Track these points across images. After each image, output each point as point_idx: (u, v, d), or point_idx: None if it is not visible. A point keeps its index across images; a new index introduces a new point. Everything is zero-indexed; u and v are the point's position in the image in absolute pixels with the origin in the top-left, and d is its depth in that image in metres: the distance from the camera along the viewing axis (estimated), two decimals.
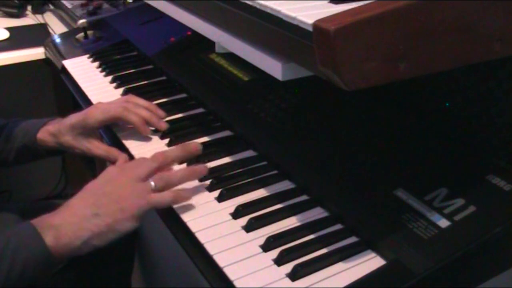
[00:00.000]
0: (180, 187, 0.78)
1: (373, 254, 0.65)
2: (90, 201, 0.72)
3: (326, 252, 0.66)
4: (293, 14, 0.58)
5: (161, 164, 0.78)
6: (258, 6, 0.65)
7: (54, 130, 0.95)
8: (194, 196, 0.78)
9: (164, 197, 0.74)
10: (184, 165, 0.84)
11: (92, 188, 0.75)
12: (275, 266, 0.64)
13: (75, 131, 0.93)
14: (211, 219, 0.73)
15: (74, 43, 1.45)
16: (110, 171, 0.77)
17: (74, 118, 0.94)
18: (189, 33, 1.24)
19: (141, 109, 0.95)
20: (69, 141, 0.94)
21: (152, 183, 0.74)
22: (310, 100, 0.93)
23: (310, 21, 0.55)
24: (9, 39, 1.61)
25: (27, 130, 0.98)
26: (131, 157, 0.91)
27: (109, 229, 0.71)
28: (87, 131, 0.94)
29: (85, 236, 0.70)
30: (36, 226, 0.69)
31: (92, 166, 1.71)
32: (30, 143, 0.97)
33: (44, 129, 0.96)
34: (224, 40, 0.77)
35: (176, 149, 0.83)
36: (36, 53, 1.53)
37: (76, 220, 0.70)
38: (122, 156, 0.87)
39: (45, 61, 1.55)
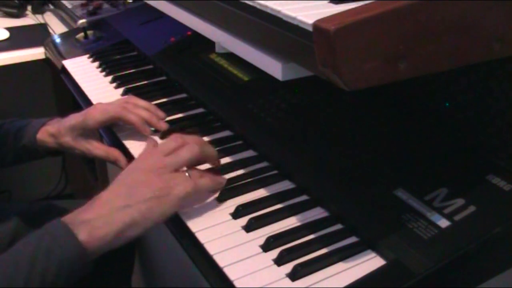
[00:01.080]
0: None
1: (373, 254, 0.65)
2: (122, 191, 0.69)
3: (326, 252, 0.66)
4: (293, 14, 0.58)
5: (198, 156, 0.75)
6: (258, 6, 0.65)
7: (54, 131, 0.95)
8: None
9: (203, 182, 0.72)
10: None
11: (124, 178, 0.72)
12: (275, 266, 0.64)
13: (75, 132, 0.93)
14: (211, 219, 0.73)
15: (74, 43, 1.45)
16: (142, 160, 0.74)
17: (73, 119, 0.94)
18: (189, 33, 1.24)
19: (140, 109, 0.95)
20: (69, 142, 0.94)
21: (187, 174, 0.72)
22: (310, 100, 0.93)
23: (310, 21, 0.55)
24: (9, 39, 1.61)
25: (26, 130, 0.98)
26: (130, 157, 0.91)
27: (144, 216, 0.68)
28: (87, 132, 0.94)
29: (118, 227, 0.67)
30: (67, 223, 0.66)
31: (92, 166, 1.71)
32: (29, 144, 0.97)
33: (44, 129, 0.96)
34: (224, 40, 0.77)
35: (212, 150, 0.80)
36: (36, 53, 1.53)
37: (107, 212, 0.67)
38: (151, 141, 0.82)
39: (45, 61, 1.55)
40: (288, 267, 0.64)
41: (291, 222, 0.71)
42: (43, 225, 0.68)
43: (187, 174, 0.72)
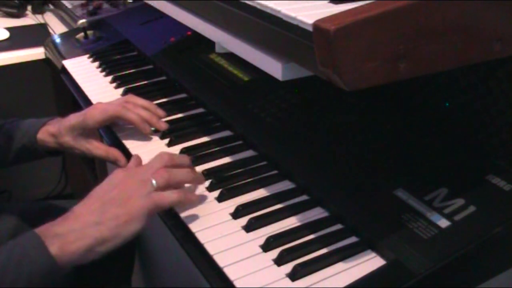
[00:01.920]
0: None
1: (373, 254, 0.65)
2: (94, 207, 0.70)
3: (326, 252, 0.66)
4: (293, 14, 0.58)
5: (167, 164, 0.76)
6: (258, 6, 0.65)
7: (54, 131, 0.95)
8: None
9: (167, 196, 0.72)
10: None
11: (97, 194, 0.73)
12: (275, 266, 0.64)
13: (75, 131, 0.93)
14: (211, 219, 0.73)
15: (74, 43, 1.45)
16: (115, 175, 0.75)
17: (73, 119, 0.94)
18: (189, 33, 1.24)
19: (140, 109, 0.95)
20: (69, 142, 0.94)
21: (154, 181, 0.72)
22: (310, 100, 0.93)
23: (310, 21, 0.55)
24: (9, 39, 1.61)
25: (27, 130, 0.98)
26: (130, 157, 0.91)
27: (113, 234, 0.69)
28: (87, 131, 0.94)
29: (89, 243, 0.68)
30: (40, 235, 0.67)
31: (92, 166, 1.71)
32: (29, 144, 0.97)
33: (44, 129, 0.96)
34: (224, 40, 0.77)
35: (185, 158, 0.81)
36: (36, 53, 1.53)
37: (79, 227, 0.68)
38: (135, 157, 0.83)
39: (45, 61, 1.55)
40: (288, 267, 0.64)
41: (291, 222, 0.71)
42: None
43: (153, 182, 0.72)
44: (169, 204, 0.73)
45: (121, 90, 1.13)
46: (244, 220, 0.71)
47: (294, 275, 0.62)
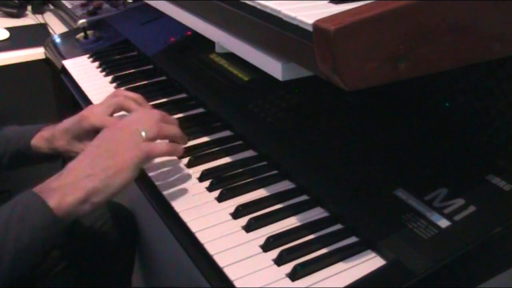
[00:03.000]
0: (178, 185, 0.79)
1: (373, 254, 0.65)
2: (86, 161, 0.74)
3: (326, 252, 0.66)
4: (293, 14, 0.58)
5: (158, 119, 0.79)
6: (258, 6, 0.65)
7: (47, 136, 0.95)
8: (194, 196, 0.78)
9: (157, 146, 0.76)
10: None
11: (89, 150, 0.76)
12: (275, 266, 0.64)
13: (69, 135, 0.93)
14: (211, 219, 0.73)
15: (74, 43, 1.45)
16: (107, 130, 0.79)
17: (67, 122, 0.94)
18: (189, 33, 1.24)
19: (130, 101, 0.94)
20: (64, 146, 0.93)
21: (143, 133, 0.76)
22: (310, 100, 0.93)
23: (310, 21, 0.55)
24: (9, 39, 1.61)
25: (22, 135, 0.97)
26: None
27: (105, 184, 0.72)
28: (82, 134, 0.93)
29: (83, 194, 0.71)
30: (37, 191, 0.71)
31: None
32: (23, 149, 0.96)
33: (38, 135, 0.96)
34: (224, 40, 0.77)
35: (174, 119, 0.85)
36: (36, 53, 1.53)
37: (72, 180, 0.72)
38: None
39: (45, 61, 1.55)
40: (288, 267, 0.64)
41: (291, 222, 0.71)
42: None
43: (143, 133, 0.76)
44: (159, 154, 0.77)
45: None
46: (244, 220, 0.71)
47: (294, 275, 0.62)
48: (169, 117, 0.84)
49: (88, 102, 1.11)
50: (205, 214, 0.74)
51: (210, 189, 0.79)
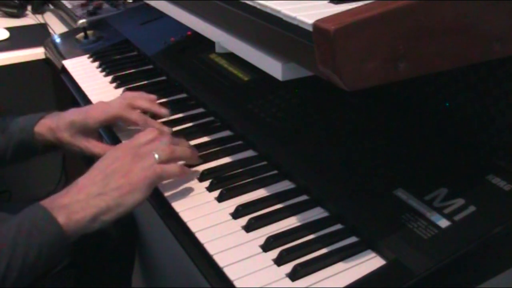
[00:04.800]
0: (178, 186, 0.79)
1: (373, 254, 0.65)
2: (98, 178, 0.73)
3: (326, 252, 0.66)
4: (293, 14, 0.58)
5: (168, 141, 0.79)
6: (258, 6, 0.65)
7: (52, 125, 0.94)
8: (194, 196, 0.78)
9: (169, 168, 0.76)
10: None
11: (100, 167, 0.76)
12: (275, 266, 0.64)
13: (74, 128, 0.93)
14: (211, 219, 0.73)
15: (74, 43, 1.45)
16: (118, 148, 0.79)
17: (74, 115, 0.93)
18: (189, 33, 1.24)
19: (140, 101, 0.95)
20: (67, 138, 0.93)
21: (156, 155, 0.76)
22: (310, 100, 0.93)
23: (310, 21, 0.55)
24: (9, 39, 1.61)
25: (24, 125, 0.97)
26: None
27: (116, 203, 0.72)
28: (86, 130, 0.93)
29: (94, 212, 0.71)
30: (46, 207, 0.70)
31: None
32: (27, 138, 0.95)
33: (42, 122, 0.95)
34: (224, 40, 0.77)
35: (185, 141, 0.85)
36: (36, 53, 1.53)
37: (83, 197, 0.71)
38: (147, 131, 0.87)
39: (45, 61, 1.55)
40: (288, 267, 0.64)
41: (291, 222, 0.71)
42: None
43: (156, 156, 0.76)
44: (171, 176, 0.77)
45: (121, 90, 1.13)
46: (244, 220, 0.71)
47: (294, 275, 0.62)
48: (179, 138, 0.84)
49: (88, 102, 1.11)
50: (205, 214, 0.74)
51: (210, 189, 0.79)
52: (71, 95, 1.24)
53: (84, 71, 1.26)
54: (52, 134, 0.95)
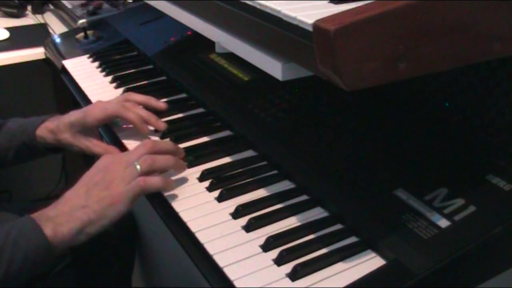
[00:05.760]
0: (178, 186, 0.79)
1: (373, 254, 0.65)
2: (81, 191, 0.75)
3: (326, 252, 0.66)
4: (293, 14, 0.58)
5: (150, 150, 0.80)
6: (258, 6, 0.65)
7: (53, 127, 0.95)
8: (194, 196, 0.78)
9: (152, 180, 0.76)
10: None
11: (85, 179, 0.77)
12: (275, 266, 0.64)
13: (74, 129, 0.94)
14: (211, 219, 0.73)
15: (74, 43, 1.45)
16: (101, 160, 0.79)
17: (73, 116, 0.94)
18: (189, 33, 1.24)
19: (139, 108, 0.95)
20: (68, 139, 0.94)
21: (138, 166, 0.76)
22: (310, 100, 0.93)
23: (310, 21, 0.55)
24: (9, 39, 1.61)
25: (26, 127, 0.98)
26: None
27: (99, 216, 0.73)
28: (86, 129, 0.94)
29: (77, 225, 0.72)
30: (35, 218, 0.72)
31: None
32: (29, 141, 0.97)
33: (43, 126, 0.97)
34: (224, 40, 0.77)
35: (168, 144, 0.85)
36: (36, 53, 1.53)
37: (68, 210, 0.73)
38: (116, 149, 0.91)
39: (45, 61, 1.55)
40: (288, 267, 0.64)
41: (291, 222, 0.71)
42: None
43: (138, 167, 0.76)
44: (153, 189, 0.77)
45: (121, 90, 1.13)
46: (244, 220, 0.71)
47: (294, 275, 0.62)
48: (162, 145, 0.83)
49: (88, 102, 1.11)
50: (205, 214, 0.74)
51: (210, 189, 0.79)
52: (71, 95, 1.24)
53: (84, 71, 1.26)
54: (53, 136, 0.96)
